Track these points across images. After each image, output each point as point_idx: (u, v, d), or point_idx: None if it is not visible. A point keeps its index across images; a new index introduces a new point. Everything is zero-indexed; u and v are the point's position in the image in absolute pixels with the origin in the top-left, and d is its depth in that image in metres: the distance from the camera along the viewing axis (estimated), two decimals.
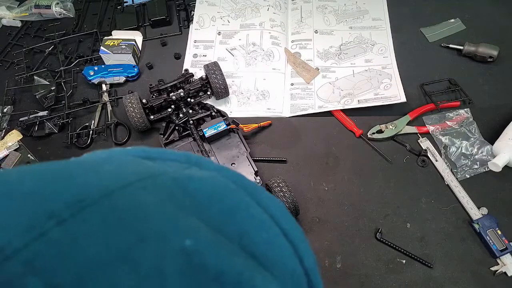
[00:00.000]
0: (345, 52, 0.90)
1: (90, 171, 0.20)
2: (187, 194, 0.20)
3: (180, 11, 1.00)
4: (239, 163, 0.74)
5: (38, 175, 0.19)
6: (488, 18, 0.93)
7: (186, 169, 0.23)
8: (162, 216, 0.18)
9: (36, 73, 0.89)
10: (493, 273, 0.65)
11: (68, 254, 0.15)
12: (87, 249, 0.15)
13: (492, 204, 0.70)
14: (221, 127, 0.74)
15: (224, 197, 0.21)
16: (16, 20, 1.01)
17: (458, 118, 0.79)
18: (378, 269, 0.67)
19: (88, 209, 0.16)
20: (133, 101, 0.76)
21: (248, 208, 0.21)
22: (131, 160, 0.23)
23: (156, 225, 0.17)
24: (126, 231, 0.16)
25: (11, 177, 0.18)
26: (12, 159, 0.80)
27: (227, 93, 0.83)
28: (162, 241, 0.17)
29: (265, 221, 0.21)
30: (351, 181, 0.75)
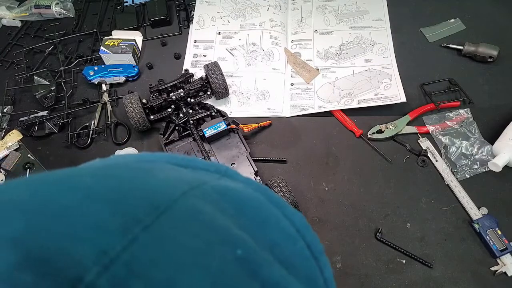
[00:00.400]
0: (345, 52, 0.90)
1: (152, 178, 0.21)
2: (226, 204, 0.21)
3: (180, 11, 1.00)
4: (239, 163, 0.74)
5: (116, 180, 0.20)
6: (488, 18, 0.93)
7: (220, 179, 0.24)
8: (218, 224, 0.19)
9: (36, 73, 0.89)
10: (493, 273, 0.65)
11: (157, 257, 0.16)
12: (172, 252, 0.16)
13: (492, 204, 0.70)
14: (221, 127, 0.74)
15: (256, 209, 0.22)
16: (16, 20, 1.01)
17: (458, 118, 0.79)
18: (378, 269, 0.67)
19: (164, 216, 0.17)
20: (133, 101, 0.76)
21: (278, 221, 0.22)
22: (172, 168, 0.24)
23: (216, 232, 0.18)
24: (196, 237, 0.17)
25: (89, 182, 0.19)
26: (12, 159, 0.80)
27: (227, 93, 0.83)
28: (222, 247, 0.18)
29: (292, 234, 0.22)
30: (351, 181, 0.75)
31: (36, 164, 0.79)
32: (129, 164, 0.24)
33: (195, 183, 0.21)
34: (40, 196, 0.18)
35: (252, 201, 0.23)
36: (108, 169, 0.22)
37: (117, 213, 0.17)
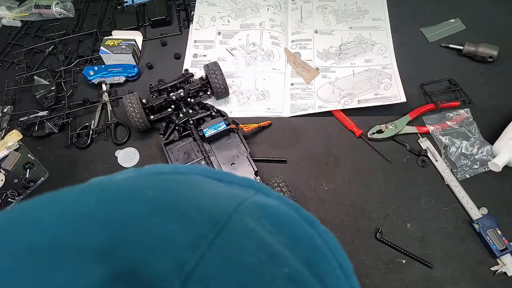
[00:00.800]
0: (345, 52, 0.90)
1: (203, 193, 0.21)
2: (265, 221, 0.21)
3: (180, 11, 1.00)
4: (239, 163, 0.74)
5: (172, 194, 0.20)
6: (488, 18, 0.93)
7: (255, 195, 0.24)
8: (266, 242, 0.19)
9: (36, 73, 0.89)
10: (493, 273, 0.65)
11: (224, 274, 0.16)
12: (234, 269, 0.17)
13: (492, 204, 0.70)
14: (221, 127, 0.74)
15: (291, 226, 0.22)
16: (16, 20, 1.01)
17: (458, 118, 0.79)
18: (378, 269, 0.67)
19: (223, 232, 0.18)
20: (133, 101, 0.76)
21: (312, 239, 0.23)
22: (211, 182, 0.24)
23: (265, 250, 0.19)
24: (251, 254, 0.18)
25: (151, 195, 0.20)
26: (12, 159, 0.80)
27: (227, 93, 0.83)
28: (272, 265, 0.18)
29: (326, 253, 0.23)
30: (351, 181, 0.75)
31: (36, 164, 0.79)
32: (173, 177, 0.24)
33: (239, 199, 0.21)
34: (108, 207, 0.18)
35: (287, 218, 0.23)
36: (159, 182, 0.22)
37: (186, 228, 0.17)
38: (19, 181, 0.77)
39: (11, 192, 0.76)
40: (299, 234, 0.22)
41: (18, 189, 0.76)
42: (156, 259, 0.15)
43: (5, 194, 0.76)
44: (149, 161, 0.79)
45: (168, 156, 0.75)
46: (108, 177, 0.24)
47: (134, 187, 0.21)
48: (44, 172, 0.79)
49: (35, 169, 0.79)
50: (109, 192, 0.20)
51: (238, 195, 0.22)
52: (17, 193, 0.76)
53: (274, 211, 0.23)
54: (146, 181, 0.23)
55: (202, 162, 0.74)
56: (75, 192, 0.21)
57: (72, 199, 0.20)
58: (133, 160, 0.79)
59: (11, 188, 0.77)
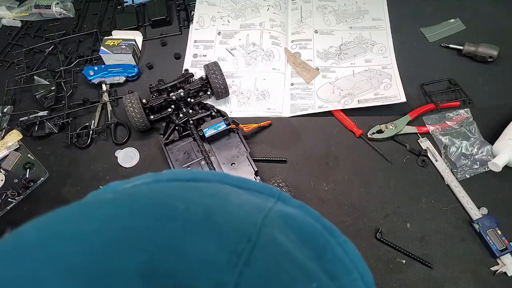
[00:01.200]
0: (345, 52, 0.90)
1: (231, 206, 0.21)
2: (289, 231, 0.21)
3: (180, 11, 1.00)
4: (239, 163, 0.74)
5: (202, 209, 0.20)
6: (488, 18, 0.93)
7: (276, 204, 0.24)
8: (294, 256, 0.20)
9: (36, 73, 0.89)
10: (493, 273, 0.65)
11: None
12: (272, 285, 0.17)
13: (492, 204, 0.70)
14: (221, 127, 0.74)
15: (314, 236, 0.22)
16: (16, 20, 1.01)
17: (458, 118, 0.79)
18: (378, 269, 0.67)
19: (256, 249, 0.18)
20: (133, 101, 0.76)
21: (334, 250, 0.22)
22: (233, 191, 0.24)
23: (294, 264, 0.19)
24: (284, 270, 0.18)
25: (181, 208, 0.20)
26: (12, 159, 0.80)
27: (227, 93, 0.83)
28: (302, 281, 0.18)
29: (348, 264, 0.22)
30: (351, 181, 0.75)
31: (36, 164, 0.79)
32: (197, 187, 0.24)
33: (264, 210, 0.21)
34: (144, 224, 0.18)
35: (310, 228, 0.23)
36: (185, 192, 0.22)
37: (222, 247, 0.17)
38: (19, 181, 0.77)
39: (11, 192, 0.76)
40: (322, 245, 0.22)
41: (18, 189, 0.76)
42: (197, 281, 0.16)
43: (5, 194, 0.76)
44: (149, 161, 0.79)
45: (168, 156, 0.75)
46: (130, 184, 0.24)
47: (162, 197, 0.21)
48: (44, 172, 0.79)
49: (35, 169, 0.79)
50: (140, 203, 0.20)
51: (262, 205, 0.22)
52: (17, 193, 0.76)
53: (297, 221, 0.22)
54: (171, 190, 0.23)
55: (202, 162, 0.74)
56: (105, 204, 0.20)
57: (106, 214, 0.19)
58: (133, 160, 0.79)
59: (11, 188, 0.77)
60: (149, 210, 0.19)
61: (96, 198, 0.21)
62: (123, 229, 0.18)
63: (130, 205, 0.20)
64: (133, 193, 0.22)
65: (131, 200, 0.21)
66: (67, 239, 0.17)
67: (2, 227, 0.73)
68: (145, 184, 0.24)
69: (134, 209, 0.20)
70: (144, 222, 0.18)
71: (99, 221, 0.19)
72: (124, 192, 0.23)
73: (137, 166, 0.79)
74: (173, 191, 0.23)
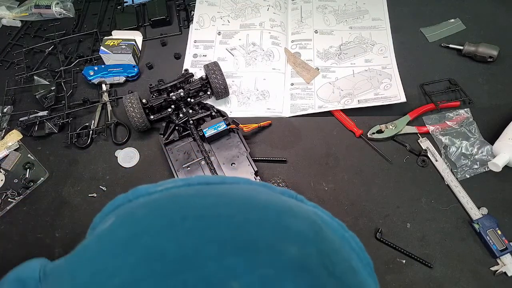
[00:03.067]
0: (345, 52, 0.90)
1: (295, 219, 0.25)
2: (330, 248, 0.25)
3: (180, 11, 1.00)
4: (239, 163, 0.74)
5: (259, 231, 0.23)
6: (488, 18, 0.93)
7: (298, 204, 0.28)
8: (352, 264, 0.25)
9: (36, 73, 0.89)
10: (493, 273, 0.65)
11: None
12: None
13: (492, 204, 0.70)
14: (221, 127, 0.74)
15: (335, 232, 0.27)
16: (16, 20, 1.01)
17: (458, 118, 0.79)
18: (378, 269, 0.66)
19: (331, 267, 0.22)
20: (133, 101, 0.76)
21: (350, 243, 0.27)
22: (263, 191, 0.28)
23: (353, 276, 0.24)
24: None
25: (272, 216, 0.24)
26: (12, 159, 0.80)
27: (227, 93, 0.83)
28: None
29: (359, 253, 0.28)
30: (351, 181, 0.75)
31: (36, 164, 0.79)
32: (237, 193, 0.26)
33: (318, 223, 0.25)
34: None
35: (330, 224, 0.27)
36: (228, 199, 0.25)
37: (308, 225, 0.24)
38: (19, 181, 0.77)
39: (11, 192, 0.76)
40: (340, 238, 0.26)
41: (18, 189, 0.77)
42: (301, 248, 0.21)
43: (5, 194, 0.76)
44: (149, 161, 0.79)
45: (168, 156, 0.75)
46: (164, 188, 0.27)
47: (244, 195, 0.25)
48: (44, 172, 0.79)
49: (35, 169, 0.79)
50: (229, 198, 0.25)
51: (314, 220, 0.25)
52: (17, 193, 0.76)
53: (321, 218, 0.26)
54: (215, 196, 0.25)
55: (202, 162, 0.74)
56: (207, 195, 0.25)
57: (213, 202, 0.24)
58: (133, 160, 0.79)
59: (11, 188, 0.77)
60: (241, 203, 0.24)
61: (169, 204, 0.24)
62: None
63: (223, 198, 0.24)
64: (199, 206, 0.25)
65: (196, 217, 0.23)
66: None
67: (2, 227, 0.74)
68: (189, 191, 0.26)
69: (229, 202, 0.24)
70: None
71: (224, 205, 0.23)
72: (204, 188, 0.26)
73: (137, 166, 0.79)
74: (218, 198, 0.25)
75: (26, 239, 0.72)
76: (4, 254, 0.71)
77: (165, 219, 0.21)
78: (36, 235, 0.72)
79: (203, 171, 0.74)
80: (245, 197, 0.25)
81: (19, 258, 0.70)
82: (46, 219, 0.74)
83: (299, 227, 0.23)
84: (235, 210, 0.22)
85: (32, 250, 0.71)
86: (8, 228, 0.73)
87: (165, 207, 0.23)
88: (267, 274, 0.18)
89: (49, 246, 0.71)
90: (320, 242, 0.23)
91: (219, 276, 0.18)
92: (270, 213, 0.23)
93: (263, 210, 0.23)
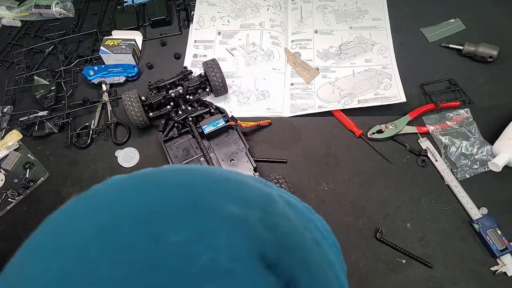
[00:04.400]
0: (345, 52, 0.90)
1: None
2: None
3: (180, 11, 1.00)
4: (238, 160, 0.74)
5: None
6: (488, 18, 0.93)
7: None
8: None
9: (36, 73, 0.89)
10: (493, 273, 0.65)
11: None
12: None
13: (492, 204, 0.70)
14: (220, 124, 0.75)
15: (300, 213, 0.29)
16: (16, 20, 1.01)
17: (458, 118, 0.79)
18: (378, 269, 0.67)
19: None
20: (132, 98, 0.76)
21: (315, 223, 0.30)
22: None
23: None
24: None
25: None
26: (12, 159, 0.80)
27: (226, 90, 0.83)
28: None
29: (323, 232, 0.30)
30: (351, 181, 0.75)
31: (36, 164, 0.79)
32: (204, 174, 0.28)
33: (269, 192, 0.28)
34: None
35: (291, 203, 0.29)
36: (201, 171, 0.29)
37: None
38: (19, 181, 0.78)
39: (11, 192, 0.76)
40: (300, 213, 0.28)
41: (18, 189, 0.77)
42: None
43: (5, 194, 0.76)
44: (149, 161, 0.79)
45: (167, 153, 0.75)
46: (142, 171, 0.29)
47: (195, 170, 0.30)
48: (44, 172, 0.79)
49: (35, 169, 0.79)
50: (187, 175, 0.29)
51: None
52: (17, 193, 0.76)
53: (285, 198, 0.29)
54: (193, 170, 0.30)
55: (201, 158, 0.74)
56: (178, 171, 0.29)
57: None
58: (133, 160, 0.79)
59: (11, 188, 0.77)
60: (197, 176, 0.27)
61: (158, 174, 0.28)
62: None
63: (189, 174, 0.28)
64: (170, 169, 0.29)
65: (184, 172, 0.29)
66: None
67: (2, 227, 0.73)
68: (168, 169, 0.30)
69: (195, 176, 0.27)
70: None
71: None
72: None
73: (137, 166, 0.79)
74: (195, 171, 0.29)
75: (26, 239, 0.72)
76: (4, 254, 0.70)
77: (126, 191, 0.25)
78: None
79: None
80: (203, 171, 0.28)
81: None
82: None
83: (246, 195, 0.25)
84: (186, 181, 0.26)
85: None
86: (8, 228, 0.73)
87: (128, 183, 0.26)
88: (203, 227, 0.21)
89: None
90: (267, 206, 0.25)
91: (160, 229, 0.21)
92: (220, 184, 0.26)
93: (213, 182, 0.26)
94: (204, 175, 0.27)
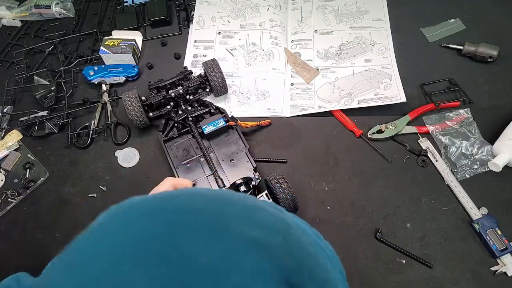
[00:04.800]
0: (345, 52, 0.90)
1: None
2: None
3: (180, 11, 1.00)
4: (238, 160, 0.74)
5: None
6: (488, 18, 0.93)
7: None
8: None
9: (36, 73, 0.89)
10: (493, 273, 0.65)
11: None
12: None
13: (492, 204, 0.70)
14: (220, 124, 0.75)
15: (315, 243, 0.29)
16: (16, 20, 1.01)
17: (458, 118, 0.79)
18: (378, 269, 0.67)
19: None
20: (132, 98, 0.76)
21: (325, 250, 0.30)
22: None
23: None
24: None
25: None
26: (12, 159, 0.80)
27: (226, 90, 0.83)
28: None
29: (332, 259, 0.30)
30: (351, 181, 0.75)
31: (36, 164, 0.79)
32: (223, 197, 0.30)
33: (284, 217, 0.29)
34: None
35: (303, 230, 0.29)
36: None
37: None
38: (19, 181, 0.77)
39: (11, 192, 0.76)
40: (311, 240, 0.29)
41: (18, 189, 0.77)
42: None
43: (5, 194, 0.76)
44: (149, 161, 0.79)
45: (167, 153, 0.75)
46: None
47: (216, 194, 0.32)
48: (44, 172, 0.79)
49: (35, 169, 0.79)
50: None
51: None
52: (17, 193, 0.76)
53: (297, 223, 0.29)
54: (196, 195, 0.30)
55: (201, 158, 0.74)
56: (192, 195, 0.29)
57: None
58: (133, 160, 0.79)
59: (11, 188, 0.77)
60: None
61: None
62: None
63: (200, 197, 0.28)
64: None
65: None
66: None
67: (2, 227, 0.74)
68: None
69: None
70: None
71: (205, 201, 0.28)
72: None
73: (137, 166, 0.79)
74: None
75: (26, 239, 0.72)
76: (4, 254, 0.71)
77: (151, 211, 0.26)
78: (36, 235, 0.72)
79: (202, 167, 0.74)
80: (220, 194, 0.30)
81: (19, 258, 0.70)
82: (46, 219, 0.74)
83: (268, 221, 0.26)
84: (205, 204, 0.27)
85: (32, 250, 0.71)
86: (8, 228, 0.73)
87: (150, 205, 0.27)
88: (231, 251, 0.22)
89: (49, 246, 0.71)
90: (286, 233, 0.26)
91: (190, 249, 0.22)
92: (239, 207, 0.27)
93: (232, 205, 0.27)
94: (228, 200, 0.28)
